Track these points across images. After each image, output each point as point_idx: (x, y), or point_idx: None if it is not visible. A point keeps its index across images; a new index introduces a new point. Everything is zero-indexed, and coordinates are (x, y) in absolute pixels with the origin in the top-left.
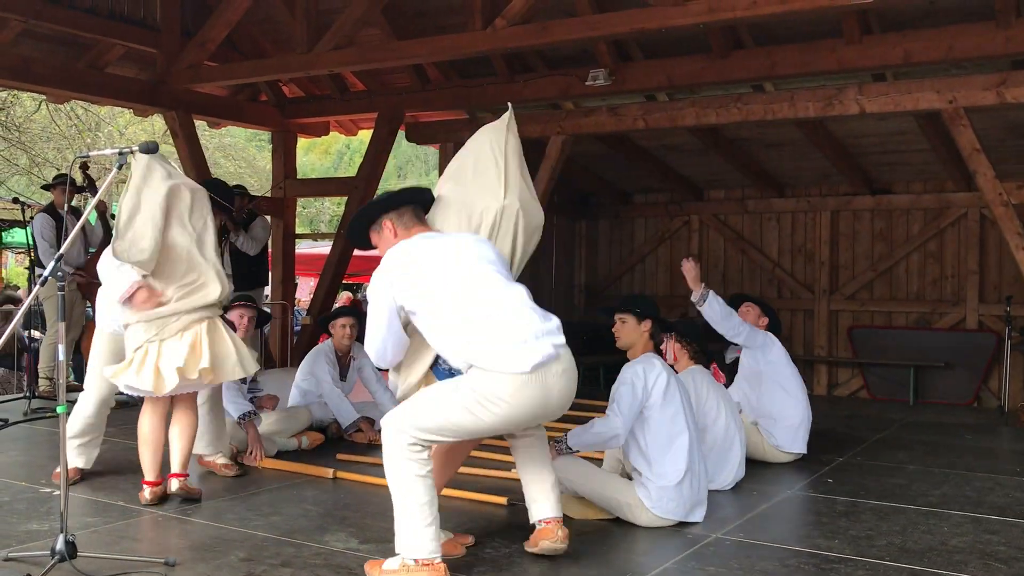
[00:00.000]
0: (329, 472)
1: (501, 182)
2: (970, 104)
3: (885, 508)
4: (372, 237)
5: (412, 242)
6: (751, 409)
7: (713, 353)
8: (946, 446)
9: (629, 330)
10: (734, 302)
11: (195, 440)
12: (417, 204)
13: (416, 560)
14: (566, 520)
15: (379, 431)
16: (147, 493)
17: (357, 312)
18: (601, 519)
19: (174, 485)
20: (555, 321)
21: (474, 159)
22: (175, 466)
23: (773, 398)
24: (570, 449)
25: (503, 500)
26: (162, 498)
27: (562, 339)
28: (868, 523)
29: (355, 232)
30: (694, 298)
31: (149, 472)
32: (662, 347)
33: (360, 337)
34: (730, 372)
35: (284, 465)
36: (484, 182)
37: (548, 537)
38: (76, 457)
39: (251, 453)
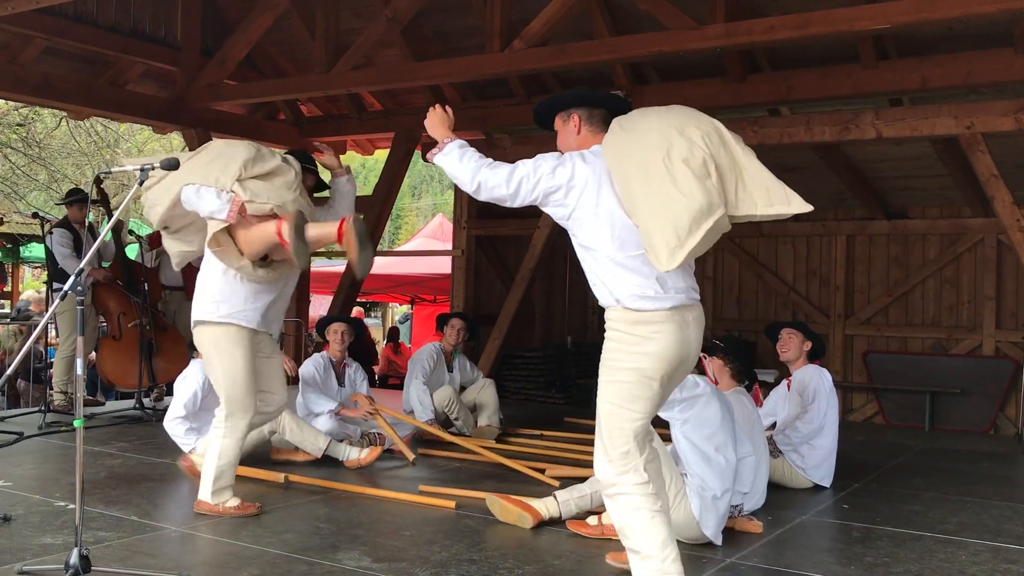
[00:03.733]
0: (280, 476)
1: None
2: (988, 130)
3: (902, 535)
4: (556, 122)
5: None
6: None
7: (756, 373)
8: (963, 473)
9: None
10: (772, 331)
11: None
12: (610, 111)
13: None
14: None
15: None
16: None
17: (350, 319)
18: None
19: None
20: None
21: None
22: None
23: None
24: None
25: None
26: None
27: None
28: (884, 550)
29: (543, 111)
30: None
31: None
32: (704, 362)
33: (351, 349)
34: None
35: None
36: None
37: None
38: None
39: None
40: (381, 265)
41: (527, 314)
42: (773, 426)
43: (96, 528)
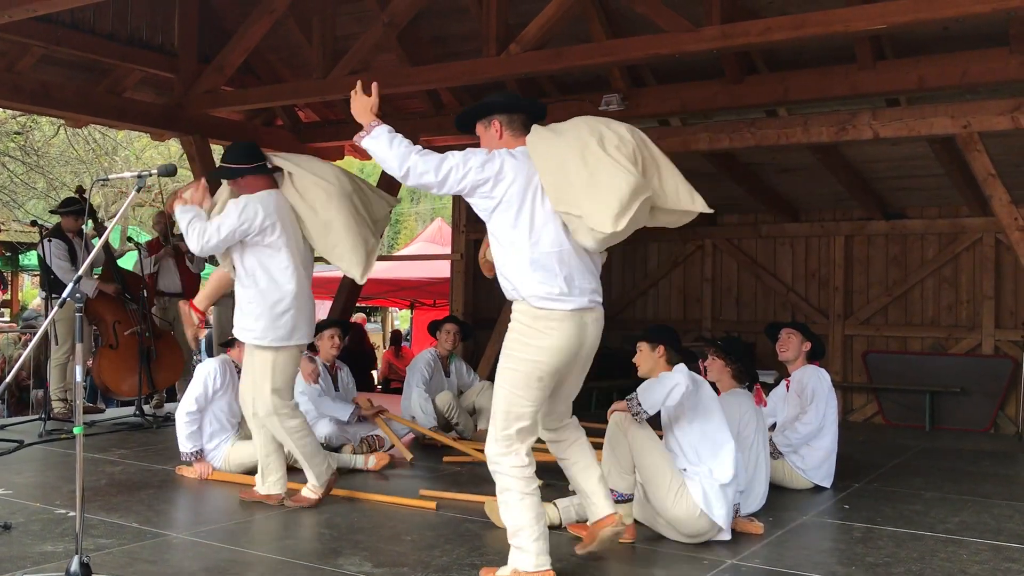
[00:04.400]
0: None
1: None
2: (985, 129)
3: (903, 535)
4: (478, 128)
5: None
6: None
7: (757, 373)
8: (963, 473)
9: (644, 358)
10: (772, 331)
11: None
12: (529, 115)
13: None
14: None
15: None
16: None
17: (344, 323)
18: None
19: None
20: None
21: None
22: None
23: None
24: (641, 408)
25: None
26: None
27: None
28: (886, 550)
29: (464, 119)
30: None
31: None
32: (702, 364)
33: (352, 354)
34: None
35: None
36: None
37: (611, 524)
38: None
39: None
40: (381, 270)
41: None
42: (773, 427)
43: (97, 535)
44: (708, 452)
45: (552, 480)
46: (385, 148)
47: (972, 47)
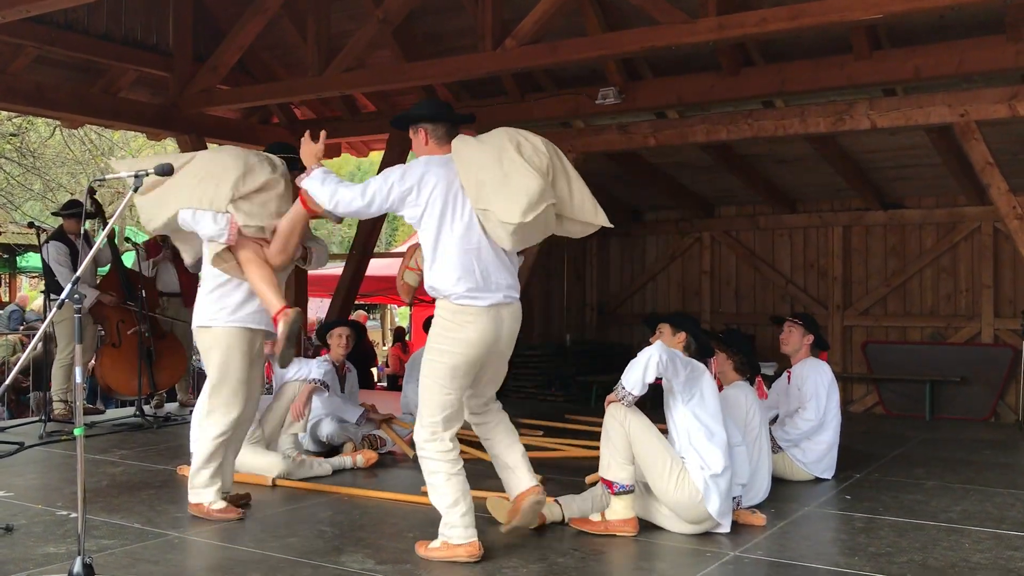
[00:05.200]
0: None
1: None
2: (982, 117)
3: (904, 525)
4: (409, 132)
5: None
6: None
7: (759, 365)
8: (964, 462)
9: (665, 340)
10: (779, 322)
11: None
12: (455, 125)
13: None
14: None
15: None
16: None
17: (354, 324)
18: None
19: None
20: None
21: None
22: None
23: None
24: (625, 390)
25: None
26: None
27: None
28: (887, 540)
29: (397, 125)
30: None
31: None
32: (710, 361)
33: (353, 352)
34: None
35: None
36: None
37: (533, 494)
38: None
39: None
40: (379, 267)
41: (525, 312)
42: (775, 420)
43: (99, 536)
44: (701, 439)
45: (552, 475)
46: (318, 185)
47: (968, 36)
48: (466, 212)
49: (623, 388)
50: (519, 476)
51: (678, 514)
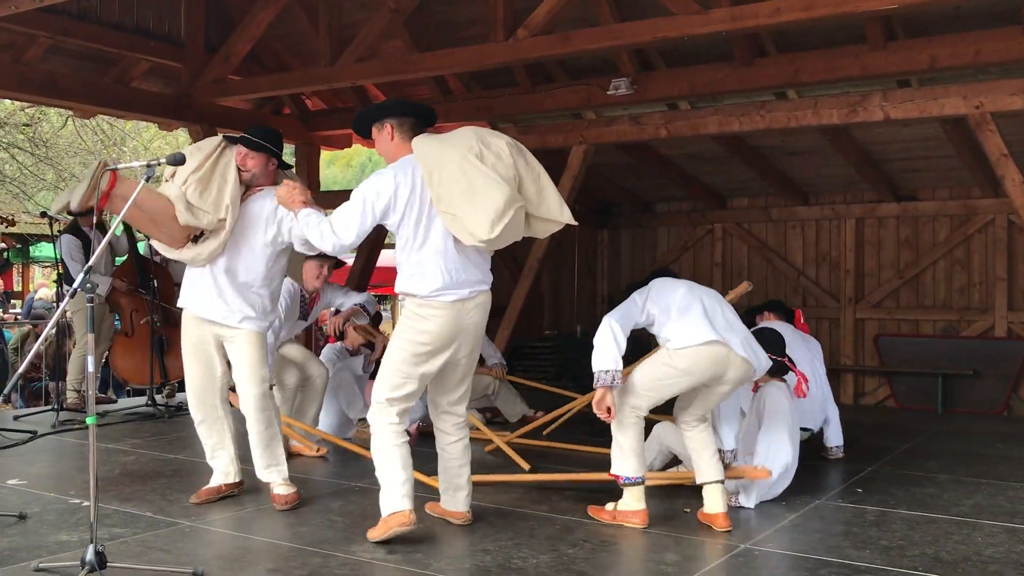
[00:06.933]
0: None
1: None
2: (997, 109)
3: (916, 518)
4: (373, 131)
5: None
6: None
7: (789, 363)
8: (977, 455)
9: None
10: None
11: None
12: (420, 120)
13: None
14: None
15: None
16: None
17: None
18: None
19: None
20: None
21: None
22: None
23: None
24: (596, 371)
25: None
26: None
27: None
28: (899, 533)
29: (359, 123)
30: None
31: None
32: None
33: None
34: None
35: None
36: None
37: (459, 519)
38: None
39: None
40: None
41: (536, 304)
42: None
43: (111, 525)
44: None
45: (555, 467)
46: (313, 230)
47: (984, 26)
48: (431, 213)
49: (599, 373)
50: (458, 498)
51: (689, 374)
